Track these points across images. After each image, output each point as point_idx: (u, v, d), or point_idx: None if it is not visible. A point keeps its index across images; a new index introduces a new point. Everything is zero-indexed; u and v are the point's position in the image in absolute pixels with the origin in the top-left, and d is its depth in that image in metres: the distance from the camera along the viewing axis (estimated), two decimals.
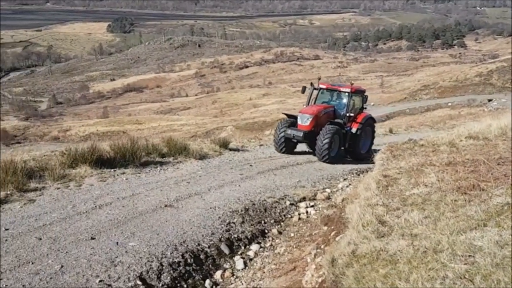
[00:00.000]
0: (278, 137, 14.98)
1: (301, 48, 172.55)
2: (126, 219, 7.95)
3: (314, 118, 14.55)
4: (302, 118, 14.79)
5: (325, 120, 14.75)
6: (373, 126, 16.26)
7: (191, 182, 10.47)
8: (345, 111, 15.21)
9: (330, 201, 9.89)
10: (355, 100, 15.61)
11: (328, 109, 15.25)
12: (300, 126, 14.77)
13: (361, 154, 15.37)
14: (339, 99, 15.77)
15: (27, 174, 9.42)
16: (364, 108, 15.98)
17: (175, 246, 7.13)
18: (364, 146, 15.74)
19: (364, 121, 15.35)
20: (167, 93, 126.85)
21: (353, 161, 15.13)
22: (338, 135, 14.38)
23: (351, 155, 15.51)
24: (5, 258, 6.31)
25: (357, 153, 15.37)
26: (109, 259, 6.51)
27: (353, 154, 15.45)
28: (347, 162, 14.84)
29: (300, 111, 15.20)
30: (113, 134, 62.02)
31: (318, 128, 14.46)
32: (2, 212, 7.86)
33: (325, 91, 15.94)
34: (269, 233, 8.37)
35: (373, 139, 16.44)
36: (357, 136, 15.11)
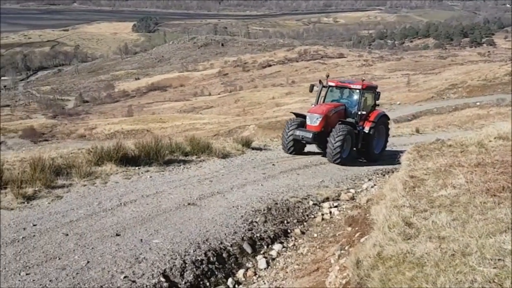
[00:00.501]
0: (286, 138, 14.26)
1: (325, 47, 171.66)
2: (150, 217, 8.03)
3: (323, 118, 13.75)
4: (311, 118, 13.97)
5: (336, 120, 13.97)
6: (387, 125, 15.54)
7: (213, 180, 10.51)
8: (357, 109, 14.41)
9: (355, 201, 9.78)
10: (367, 97, 14.82)
11: (338, 108, 14.42)
12: (309, 126, 13.98)
13: (374, 155, 14.75)
14: (349, 96, 14.94)
15: (54, 171, 9.61)
16: (376, 105, 15.25)
17: (198, 244, 7.17)
18: (378, 146, 15.06)
19: (377, 119, 14.56)
20: (190, 92, 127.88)
21: (376, 162, 14.44)
22: (350, 135, 13.62)
23: (364, 155, 14.74)
24: (32, 253, 6.45)
25: (371, 153, 14.65)
26: (134, 256, 6.59)
27: (366, 154, 14.69)
28: (365, 163, 14.56)
29: (309, 111, 14.32)
30: (137, 132, 62.83)
31: (328, 128, 13.72)
32: (30, 208, 8.02)
33: (334, 88, 15.11)
34: (292, 233, 8.33)
35: (387, 138, 15.75)
36: (370, 136, 14.33)
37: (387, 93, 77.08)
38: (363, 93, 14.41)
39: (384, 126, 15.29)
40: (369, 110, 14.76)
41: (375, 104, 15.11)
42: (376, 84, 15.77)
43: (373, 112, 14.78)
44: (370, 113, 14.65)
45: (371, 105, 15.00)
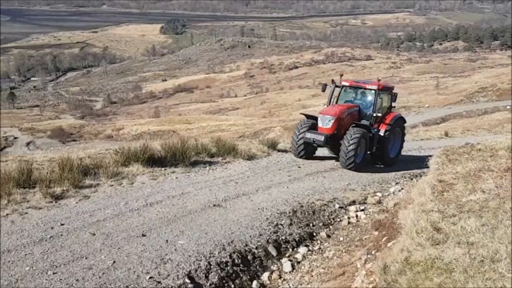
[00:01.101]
0: (296, 141, 13.47)
1: (353, 48, 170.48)
2: (176, 217, 8.07)
3: (336, 119, 12.97)
4: (323, 120, 13.16)
5: (349, 122, 13.28)
6: (403, 127, 14.89)
7: (239, 182, 10.50)
8: (372, 111, 13.65)
9: (382, 205, 9.63)
10: (383, 98, 14.13)
11: (352, 109, 13.64)
12: (321, 129, 13.16)
13: (390, 159, 14.10)
14: (364, 97, 14.15)
15: (82, 171, 9.75)
16: (393, 107, 14.53)
17: (223, 245, 7.16)
18: (393, 150, 14.44)
19: (393, 122, 13.92)
20: (216, 93, 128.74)
21: (391, 167, 13.80)
22: (364, 139, 12.90)
23: (378, 160, 14.00)
24: (60, 252, 6.54)
25: (385, 157, 13.93)
26: (159, 256, 6.62)
27: (381, 159, 13.94)
28: (382, 168, 14.30)
29: (321, 112, 13.48)
30: (163, 133, 63.55)
31: (342, 130, 13.00)
32: (58, 208, 8.16)
33: (348, 88, 14.30)
34: (318, 236, 8.25)
35: (403, 141, 15.08)
36: (386, 139, 13.62)
37: (416, 95, 76.06)
38: (378, 94, 13.70)
39: (400, 129, 14.67)
40: (385, 112, 14.15)
41: (391, 106, 14.44)
42: (392, 85, 15.13)
43: (389, 114, 14.18)
44: (385, 115, 14.05)
45: (387, 107, 14.35)
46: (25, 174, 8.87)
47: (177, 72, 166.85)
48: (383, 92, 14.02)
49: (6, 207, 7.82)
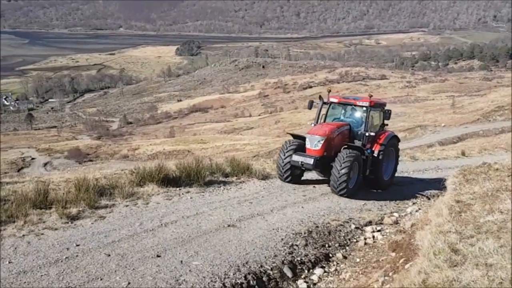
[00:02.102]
0: (282, 164, 12.35)
1: (367, 68, 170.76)
2: (190, 238, 8.04)
3: (326, 140, 11.92)
4: (311, 140, 12.10)
5: (340, 142, 12.27)
6: (397, 147, 13.85)
7: (253, 202, 10.46)
8: (363, 129, 12.65)
9: (398, 226, 9.48)
10: (375, 116, 13.20)
11: (342, 128, 12.59)
12: (309, 150, 12.10)
13: (384, 182, 13.06)
14: (354, 115, 13.21)
15: (98, 191, 9.80)
16: (385, 125, 13.51)
17: (238, 266, 7.10)
18: (387, 172, 13.37)
19: (387, 142, 12.89)
20: (231, 113, 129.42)
21: (384, 190, 12.78)
22: (357, 162, 11.82)
23: (372, 183, 12.84)
24: (75, 273, 6.54)
25: (380, 180, 12.88)
26: (174, 278, 6.58)
27: (374, 182, 12.83)
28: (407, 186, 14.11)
29: (309, 132, 12.36)
30: (178, 153, 63.86)
31: (332, 152, 11.98)
32: (74, 228, 8.18)
33: (336, 105, 13.34)
34: (334, 257, 8.13)
35: (397, 162, 13.98)
36: (380, 161, 12.59)
37: (432, 114, 75.52)
38: (370, 111, 12.67)
39: (394, 148, 13.66)
40: (377, 130, 13.16)
41: (384, 124, 13.46)
42: (385, 101, 14.16)
43: (382, 133, 13.17)
44: (378, 134, 13.01)
45: (379, 125, 13.39)
46: (42, 195, 8.93)
47: (192, 93, 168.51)
48: (375, 109, 13.06)
49: (23, 228, 7.86)
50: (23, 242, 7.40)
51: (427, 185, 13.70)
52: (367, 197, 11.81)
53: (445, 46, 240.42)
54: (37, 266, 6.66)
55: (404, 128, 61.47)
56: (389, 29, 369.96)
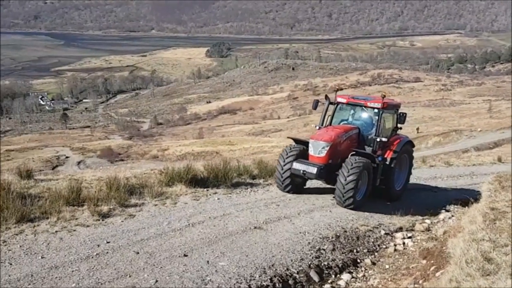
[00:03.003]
0: (281, 173, 11.19)
1: (401, 70, 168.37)
2: (217, 239, 8.07)
3: (332, 146, 10.74)
4: (315, 146, 10.90)
5: (347, 148, 11.04)
6: (411, 154, 12.59)
7: (280, 205, 10.42)
8: (374, 134, 11.45)
9: (430, 233, 9.26)
10: (387, 118, 11.99)
11: (350, 132, 11.34)
12: (312, 157, 10.92)
13: (395, 193, 11.90)
14: (364, 117, 11.97)
15: (128, 190, 9.98)
16: (399, 128, 12.21)
17: (264, 269, 7.08)
18: (399, 181, 12.16)
19: (400, 148, 11.66)
20: (259, 115, 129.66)
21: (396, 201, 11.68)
22: (367, 171, 10.62)
23: (382, 194, 11.68)
24: (105, 270, 6.66)
25: (391, 191, 11.71)
26: (200, 277, 6.62)
27: (385, 192, 11.67)
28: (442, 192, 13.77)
29: (312, 137, 11.11)
30: (207, 154, 64.34)
31: (338, 159, 10.81)
32: (105, 226, 8.33)
33: (344, 106, 12.12)
34: (362, 263, 8.01)
35: (411, 171, 12.75)
36: (391, 169, 11.41)
37: (467, 119, 73.87)
38: (382, 114, 11.46)
39: (407, 155, 12.38)
40: (389, 135, 11.90)
41: (397, 128, 12.16)
42: (399, 102, 12.67)
43: (395, 137, 11.95)
44: (391, 139, 11.80)
45: (392, 128, 12.14)
46: (75, 193, 9.15)
47: (221, 94, 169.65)
48: (388, 111, 11.77)
49: (56, 224, 8.06)
50: (55, 238, 7.58)
51: (461, 192, 13.25)
52: (398, 202, 11.57)
53: (482, 49, 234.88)
54: (69, 261, 6.81)
55: (438, 132, 60.30)
56: (424, 30, 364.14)
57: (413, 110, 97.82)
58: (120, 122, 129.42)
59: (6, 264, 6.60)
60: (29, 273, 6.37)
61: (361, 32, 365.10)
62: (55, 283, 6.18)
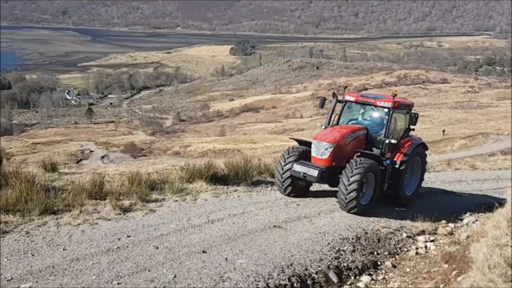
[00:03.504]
0: (281, 174, 10.63)
1: (427, 71, 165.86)
2: (236, 236, 8.08)
3: (336, 148, 10.15)
4: (318, 147, 10.29)
5: (353, 149, 10.44)
6: (423, 157, 11.82)
7: (300, 204, 10.36)
8: (384, 135, 10.71)
9: (453, 237, 9.11)
10: (399, 119, 11.25)
11: (357, 133, 10.71)
12: (315, 159, 10.32)
13: (405, 198, 11.21)
14: (374, 117, 11.32)
15: (150, 185, 10.08)
16: (411, 129, 11.47)
17: (282, 268, 7.06)
18: (410, 186, 11.53)
19: (412, 151, 10.97)
20: (282, 114, 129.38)
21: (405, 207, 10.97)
22: (373, 173, 10.03)
23: (392, 199, 10.98)
24: (125, 263, 6.74)
25: (401, 196, 11.02)
26: (218, 274, 6.64)
27: (395, 198, 10.97)
28: (466, 195, 13.48)
29: (315, 137, 10.55)
30: (228, 152, 64.55)
31: (343, 161, 10.13)
32: (126, 220, 8.42)
33: (353, 104, 11.51)
34: (382, 266, 7.91)
35: (423, 175, 12.00)
36: (402, 173, 10.71)
37: (494, 122, 72.33)
38: (392, 114, 10.78)
39: (420, 158, 11.65)
40: (401, 136, 11.15)
41: (409, 129, 11.42)
42: (411, 102, 12.00)
43: (407, 139, 11.23)
44: (402, 141, 11.07)
45: (404, 130, 11.35)
46: (97, 187, 9.30)
47: (244, 92, 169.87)
48: (399, 111, 11.05)
49: (78, 217, 8.19)
50: (78, 231, 7.72)
51: (486, 196, 12.94)
52: (422, 205, 11.34)
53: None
54: (90, 254, 6.92)
55: (464, 135, 59.21)
56: (452, 31, 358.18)
57: (439, 112, 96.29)
58: (143, 118, 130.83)
59: (28, 255, 6.74)
60: (51, 265, 6.49)
61: (388, 32, 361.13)
62: (76, 275, 6.28)
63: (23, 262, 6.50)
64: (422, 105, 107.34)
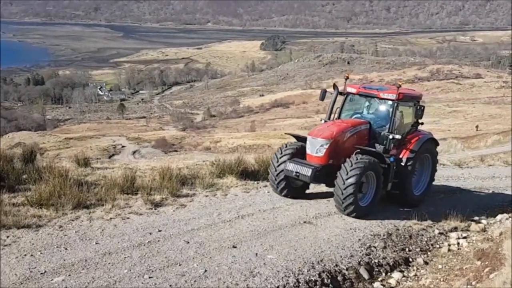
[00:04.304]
0: (274, 174, 9.94)
1: (461, 66, 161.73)
2: (266, 232, 8.09)
3: (332, 144, 9.36)
4: (312, 144, 9.52)
5: (352, 146, 9.56)
6: (434, 153, 10.94)
7: (331, 200, 10.24)
8: (388, 130, 9.96)
9: (486, 233, 8.90)
10: (404, 112, 10.51)
11: (358, 128, 9.89)
12: (310, 157, 9.55)
13: (413, 198, 10.39)
14: (377, 110, 10.54)
15: (180, 180, 10.20)
16: (420, 124, 10.72)
17: (312, 264, 7.04)
18: (420, 185, 10.77)
19: (419, 147, 10.11)
20: (312, 109, 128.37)
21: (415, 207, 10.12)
22: (374, 172, 9.24)
23: (398, 199, 10.21)
24: (156, 257, 6.84)
25: (408, 196, 10.20)
26: (248, 269, 6.67)
27: (400, 197, 10.17)
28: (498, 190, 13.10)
29: (310, 133, 9.77)
30: (258, 147, 64.51)
31: (341, 159, 9.28)
32: (157, 215, 8.55)
33: (355, 97, 10.73)
34: (414, 262, 7.81)
35: (434, 173, 11.06)
36: (408, 171, 9.91)
37: None
38: (397, 106, 10.01)
39: (429, 155, 10.80)
40: (407, 131, 10.44)
41: (418, 123, 10.66)
42: (419, 93, 11.08)
43: (414, 134, 10.44)
44: (409, 136, 10.33)
45: (411, 123, 10.64)
46: (129, 181, 9.47)
47: (274, 88, 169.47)
48: (405, 103, 10.31)
49: (110, 211, 8.36)
50: (110, 225, 7.87)
51: None
52: (454, 202, 11.11)
53: None
54: (122, 248, 7.05)
55: (498, 130, 57.47)
56: (486, 25, 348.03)
57: (472, 107, 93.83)
58: (174, 113, 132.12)
59: (61, 248, 6.91)
60: (83, 258, 6.64)
61: (420, 26, 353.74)
62: (108, 268, 6.42)
63: (56, 256, 6.66)
64: (455, 100, 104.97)
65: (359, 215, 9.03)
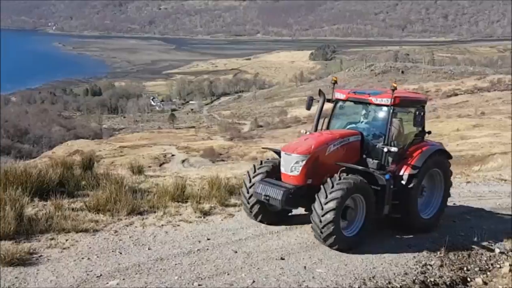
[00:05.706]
0: (246, 196, 8.53)
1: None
2: (315, 245, 7.91)
3: (310, 160, 7.88)
4: (286, 160, 8.07)
5: (340, 162, 8.16)
6: (446, 169, 9.17)
7: None
8: (384, 141, 8.45)
9: None
10: (402, 119, 8.90)
11: (345, 139, 8.34)
12: (284, 176, 8.15)
13: (423, 222, 8.79)
14: (371, 119, 9.01)
15: (228, 190, 10.27)
16: (425, 133, 9.08)
17: (364, 280, 6.81)
18: (429, 207, 9.13)
19: (423, 161, 8.44)
20: None
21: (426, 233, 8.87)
22: (362, 194, 7.71)
23: (401, 224, 8.66)
24: (205, 265, 6.84)
25: (412, 219, 8.56)
26: (297, 282, 6.54)
27: (405, 222, 8.57)
28: None
29: (283, 148, 8.31)
30: None
31: (323, 178, 7.83)
32: (206, 223, 8.57)
33: (346, 104, 9.29)
34: (472, 282, 7.40)
35: (447, 193, 9.32)
36: (411, 191, 8.31)
37: None
38: (393, 113, 8.44)
39: (440, 170, 9.05)
40: (409, 142, 8.86)
41: (424, 132, 9.03)
42: (422, 97, 9.69)
43: (417, 146, 8.78)
44: (411, 148, 8.73)
45: (413, 133, 8.99)
46: (180, 190, 9.63)
47: None
48: (404, 109, 8.84)
49: (162, 218, 8.50)
50: (161, 231, 7.98)
51: None
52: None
53: None
54: (172, 255, 7.11)
55: None
56: None
57: None
58: (222, 123, 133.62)
59: (116, 253, 7.05)
60: (137, 263, 6.74)
61: (480, 35, 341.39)
62: (160, 274, 6.47)
63: (111, 260, 6.80)
64: None
65: (342, 247, 7.55)
